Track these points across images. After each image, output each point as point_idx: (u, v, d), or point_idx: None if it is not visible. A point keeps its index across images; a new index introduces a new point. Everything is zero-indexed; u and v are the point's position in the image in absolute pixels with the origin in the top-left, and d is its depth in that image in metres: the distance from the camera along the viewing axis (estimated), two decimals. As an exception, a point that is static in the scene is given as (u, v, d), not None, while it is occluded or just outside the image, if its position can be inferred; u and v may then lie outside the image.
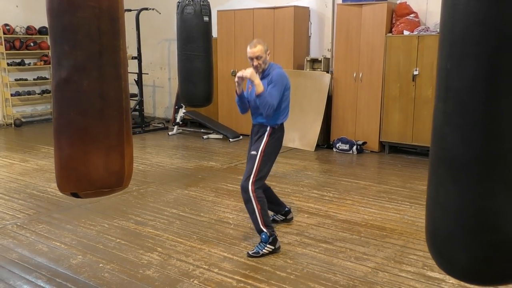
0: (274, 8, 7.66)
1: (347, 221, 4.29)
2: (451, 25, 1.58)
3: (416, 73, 6.42)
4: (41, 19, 9.43)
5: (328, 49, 7.68)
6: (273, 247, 3.59)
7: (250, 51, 3.59)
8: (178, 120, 8.71)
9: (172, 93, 9.93)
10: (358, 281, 3.20)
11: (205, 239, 3.91)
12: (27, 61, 9.62)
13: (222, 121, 8.52)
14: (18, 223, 4.29)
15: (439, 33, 1.70)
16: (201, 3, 6.00)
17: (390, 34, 6.63)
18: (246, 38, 7.94)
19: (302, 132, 7.31)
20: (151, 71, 10.09)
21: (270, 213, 3.96)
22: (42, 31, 9.61)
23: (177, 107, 8.92)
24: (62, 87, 2.45)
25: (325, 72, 7.34)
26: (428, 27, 6.49)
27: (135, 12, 8.76)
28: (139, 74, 8.99)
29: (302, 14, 7.67)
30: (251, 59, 3.61)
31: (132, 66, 8.19)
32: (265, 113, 3.56)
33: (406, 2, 6.69)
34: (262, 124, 3.74)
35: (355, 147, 6.93)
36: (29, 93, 9.69)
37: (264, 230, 3.59)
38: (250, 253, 3.58)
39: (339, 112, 7.24)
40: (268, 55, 3.65)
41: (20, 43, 9.36)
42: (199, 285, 3.17)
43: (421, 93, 6.44)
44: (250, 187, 3.62)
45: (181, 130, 8.77)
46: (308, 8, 7.78)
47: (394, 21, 6.68)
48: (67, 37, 2.38)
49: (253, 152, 3.72)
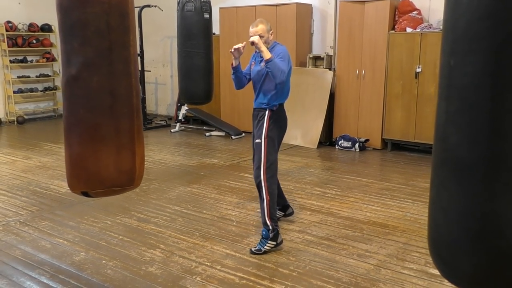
0: (277, 5, 7.65)
1: (349, 218, 4.29)
2: (454, 20, 1.52)
3: (418, 70, 6.41)
4: (44, 16, 9.43)
5: (331, 46, 7.67)
6: (274, 242, 3.59)
7: (252, 30, 3.54)
8: (180, 118, 8.71)
9: (174, 91, 9.93)
10: (361, 278, 3.20)
11: (208, 236, 3.91)
12: (29, 58, 9.63)
13: (225, 118, 8.52)
14: (21, 220, 4.30)
15: (442, 29, 1.65)
16: (202, 0, 6.00)
17: (393, 31, 6.61)
18: (249, 35, 7.93)
19: (304, 130, 7.31)
20: (153, 68, 10.09)
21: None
22: (45, 28, 9.62)
23: (179, 104, 8.92)
24: (72, 84, 2.40)
25: (327, 70, 7.33)
26: (431, 24, 6.48)
27: (138, 9, 8.75)
28: (142, 72, 8.98)
29: (304, 11, 7.66)
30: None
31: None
32: (278, 80, 3.44)
33: (409, -1, 6.68)
34: (261, 107, 3.68)
35: (357, 145, 6.92)
36: (31, 90, 9.69)
37: (268, 222, 3.57)
38: (253, 250, 3.58)
39: (342, 110, 7.24)
40: (271, 34, 3.59)
41: (23, 40, 9.36)
42: (201, 282, 3.17)
43: (423, 90, 6.42)
44: (262, 176, 3.59)
45: (183, 128, 8.78)
46: (310, 5, 7.76)
47: (396, 18, 6.66)
48: (76, 34, 2.34)
49: (257, 141, 3.67)
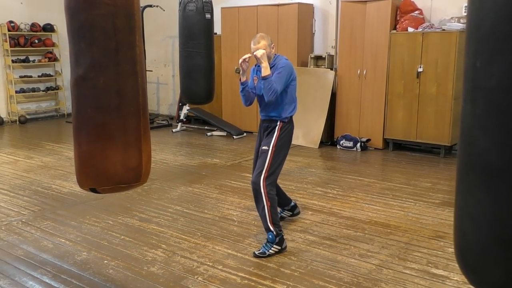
0: (278, 5, 7.65)
1: (351, 218, 4.29)
2: (479, 19, 1.46)
3: (420, 70, 6.40)
4: (46, 16, 9.45)
5: (332, 46, 7.67)
6: (279, 247, 3.56)
7: (254, 47, 3.57)
8: (182, 117, 8.72)
9: (176, 90, 9.94)
10: (362, 278, 3.20)
11: (209, 236, 3.92)
12: (31, 58, 9.64)
13: (226, 118, 8.52)
14: (23, 220, 4.31)
15: (465, 29, 1.60)
16: (203, 0, 6.01)
17: (395, 31, 6.61)
18: (250, 35, 7.92)
19: (306, 129, 7.31)
20: (155, 68, 10.09)
21: (278, 209, 3.94)
22: (47, 28, 9.62)
23: (181, 104, 8.93)
24: (80, 84, 2.47)
25: (329, 69, 7.33)
26: (433, 24, 6.47)
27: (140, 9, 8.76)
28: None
29: (306, 11, 7.65)
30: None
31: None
32: (267, 98, 3.50)
33: (410, -1, 6.67)
34: (271, 119, 3.70)
35: (359, 144, 6.92)
36: (33, 90, 9.70)
37: (271, 228, 3.54)
38: (257, 253, 3.56)
39: (343, 109, 7.23)
40: (272, 48, 3.62)
41: (25, 40, 9.37)
42: (203, 281, 3.17)
43: (425, 90, 6.42)
44: (261, 183, 3.56)
45: (185, 127, 8.78)
46: (312, 5, 7.76)
47: (398, 18, 6.66)
48: (84, 35, 2.40)
49: (264, 147, 3.67)
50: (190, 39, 6.03)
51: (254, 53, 3.51)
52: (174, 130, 8.61)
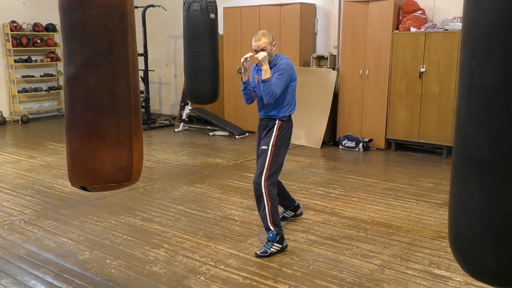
0: (280, 5, 7.64)
1: (353, 218, 4.29)
2: (475, 21, 1.52)
3: (423, 70, 6.39)
4: (48, 16, 9.46)
5: (335, 46, 7.66)
6: (280, 245, 3.57)
7: (255, 44, 3.55)
8: (184, 117, 8.72)
9: (178, 90, 9.94)
10: (365, 278, 3.20)
11: (212, 236, 3.92)
12: (33, 58, 9.66)
13: (228, 118, 8.52)
14: (26, 219, 4.31)
15: (454, 29, 1.65)
16: (207, 0, 6.00)
17: (397, 31, 6.60)
18: (252, 35, 7.88)
19: (308, 129, 7.30)
20: (157, 68, 10.10)
21: (280, 209, 3.94)
22: (49, 28, 9.64)
23: (183, 104, 8.93)
24: (71, 83, 2.50)
25: (331, 69, 7.32)
26: (435, 24, 6.46)
27: (141, 9, 8.77)
28: (145, 71, 9.01)
29: (308, 11, 7.65)
30: (256, 52, 3.56)
31: (138, 63, 8.20)
32: (266, 101, 3.52)
33: (413, -1, 6.66)
34: (270, 117, 3.69)
35: (361, 144, 6.91)
36: (35, 89, 9.72)
37: (272, 228, 3.55)
38: (258, 253, 3.56)
39: (345, 109, 7.23)
40: (274, 46, 3.60)
41: (27, 40, 9.39)
42: (205, 281, 3.17)
43: (427, 90, 6.41)
44: (263, 183, 3.56)
45: (187, 127, 8.79)
46: (314, 5, 7.75)
47: (401, 18, 6.65)
48: (76, 35, 2.42)
49: (263, 147, 3.66)
50: (194, 39, 6.03)
51: (256, 56, 3.50)
52: (176, 130, 8.62)
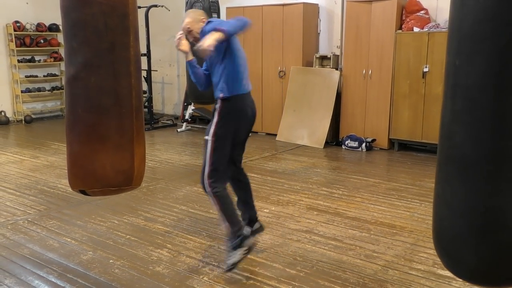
0: (283, 5, 7.64)
1: (356, 218, 4.28)
2: (460, 21, 1.54)
3: (426, 70, 6.38)
4: (51, 16, 9.48)
5: (337, 46, 7.66)
6: (245, 248, 3.18)
7: (181, 27, 3.22)
8: (187, 117, 8.73)
9: (181, 90, 9.95)
10: (368, 278, 3.19)
11: (215, 236, 3.91)
12: (37, 58, 9.68)
13: (231, 118, 8.51)
14: (29, 219, 4.32)
15: (447, 29, 1.66)
16: (210, 0, 6.01)
17: (400, 31, 6.58)
18: (255, 35, 7.94)
19: (311, 129, 7.30)
20: (160, 68, 10.11)
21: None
22: (52, 28, 9.66)
23: (186, 104, 8.94)
24: (72, 84, 2.44)
25: (334, 69, 7.31)
26: (439, 24, 6.44)
27: (145, 9, 8.78)
28: (148, 71, 9.02)
29: (311, 11, 7.64)
30: (185, 36, 3.22)
31: (141, 63, 8.21)
32: (246, 26, 3.11)
33: (416, -1, 6.65)
34: (216, 99, 3.22)
35: (364, 144, 6.90)
36: (39, 89, 9.74)
37: (230, 228, 3.19)
38: (227, 267, 3.19)
39: (348, 109, 7.22)
40: (202, 21, 3.21)
41: (30, 40, 9.41)
42: (208, 281, 3.17)
43: (431, 90, 6.40)
44: (206, 181, 3.15)
45: (190, 127, 8.79)
46: (317, 5, 7.75)
47: (404, 18, 6.64)
48: (76, 34, 2.37)
49: (205, 137, 3.20)
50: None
51: (178, 47, 3.16)
52: (179, 130, 8.62)
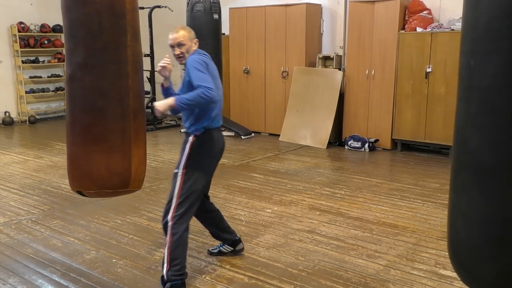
0: (286, 5, 7.65)
1: (359, 218, 4.28)
2: (474, 19, 1.46)
3: (429, 70, 6.37)
4: (55, 17, 9.52)
5: (340, 47, 7.66)
6: None
7: (171, 37, 2.99)
8: (190, 118, 8.73)
9: (184, 91, 9.95)
10: (370, 278, 3.20)
11: (217, 236, 3.92)
12: (41, 58, 9.72)
13: (234, 118, 8.53)
14: (33, 219, 4.34)
15: (460, 29, 1.59)
16: (211, 1, 6.03)
17: (403, 31, 6.58)
18: (258, 35, 7.95)
19: (314, 130, 7.30)
20: (163, 68, 10.11)
21: (216, 243, 3.52)
22: (56, 29, 9.71)
23: (189, 104, 8.94)
24: (69, 84, 2.43)
25: (337, 70, 7.32)
26: (442, 24, 6.44)
27: (148, 10, 8.80)
28: (152, 72, 9.04)
29: (314, 12, 7.65)
30: (172, 47, 3.00)
31: (145, 63, 8.18)
32: (209, 101, 2.73)
33: (419, -1, 6.65)
34: (186, 132, 3.04)
35: (367, 145, 6.90)
36: (43, 90, 9.79)
37: (165, 269, 2.94)
38: None
39: (351, 110, 7.22)
40: (195, 44, 3.05)
41: (35, 41, 9.46)
42: (211, 281, 3.18)
43: (434, 90, 6.39)
44: (170, 214, 2.93)
45: (193, 127, 8.79)
46: (320, 5, 7.75)
47: (407, 18, 6.64)
48: (73, 34, 2.35)
49: (175, 171, 3.00)
50: (198, 39, 6.05)
51: (157, 109, 2.75)
52: (182, 131, 8.64)
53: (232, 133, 8.15)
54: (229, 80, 8.40)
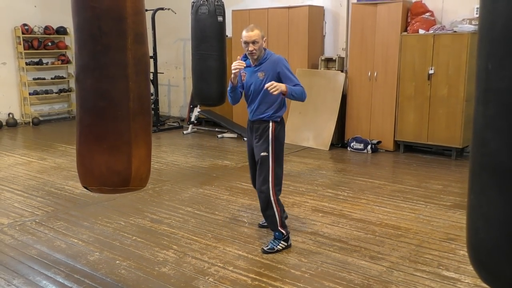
0: (289, 7, 7.67)
1: (361, 220, 4.29)
2: (491, 21, 1.46)
3: (431, 72, 6.38)
4: (59, 19, 9.56)
5: (343, 48, 7.67)
6: (286, 244, 3.67)
7: (246, 34, 3.41)
8: (193, 119, 8.76)
9: (187, 92, 9.99)
10: (373, 280, 3.20)
11: (220, 237, 3.94)
12: (45, 60, 9.75)
13: (237, 120, 8.55)
14: (37, 220, 4.37)
15: (477, 31, 1.59)
16: (215, 3, 6.04)
17: (405, 33, 6.59)
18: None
19: (316, 131, 7.31)
20: (166, 70, 10.16)
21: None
22: (60, 30, 9.74)
23: (192, 106, 8.97)
24: (75, 85, 2.60)
25: (339, 71, 7.32)
26: (444, 26, 6.44)
27: (151, 12, 8.83)
28: (155, 74, 9.06)
29: (316, 14, 7.66)
30: (247, 43, 3.42)
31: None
32: (305, 99, 3.55)
33: (421, 1, 6.65)
34: (262, 120, 3.60)
35: (369, 146, 6.91)
36: (46, 92, 9.82)
37: (281, 230, 3.63)
38: (265, 249, 3.63)
39: (354, 111, 7.23)
40: (264, 41, 3.51)
41: (38, 43, 9.49)
42: (214, 282, 3.20)
43: (436, 92, 6.39)
44: (271, 192, 3.56)
45: (196, 129, 8.83)
46: (322, 7, 7.76)
47: (409, 20, 6.64)
48: (77, 37, 2.49)
49: (263, 154, 3.57)
50: (202, 41, 6.07)
51: (266, 86, 3.35)
52: (185, 132, 8.66)
53: (235, 135, 8.17)
54: (232, 82, 8.41)
